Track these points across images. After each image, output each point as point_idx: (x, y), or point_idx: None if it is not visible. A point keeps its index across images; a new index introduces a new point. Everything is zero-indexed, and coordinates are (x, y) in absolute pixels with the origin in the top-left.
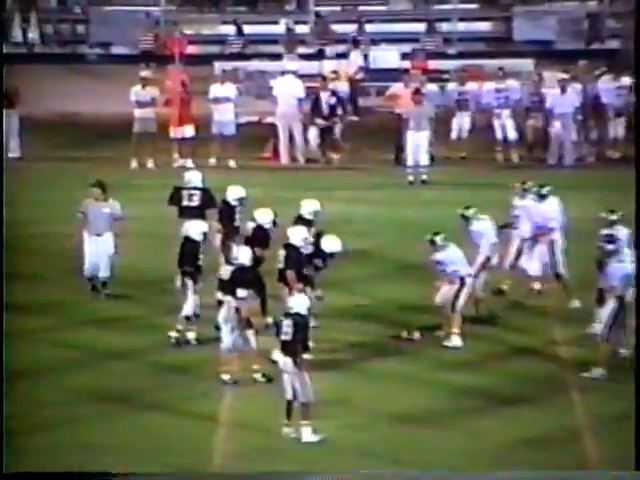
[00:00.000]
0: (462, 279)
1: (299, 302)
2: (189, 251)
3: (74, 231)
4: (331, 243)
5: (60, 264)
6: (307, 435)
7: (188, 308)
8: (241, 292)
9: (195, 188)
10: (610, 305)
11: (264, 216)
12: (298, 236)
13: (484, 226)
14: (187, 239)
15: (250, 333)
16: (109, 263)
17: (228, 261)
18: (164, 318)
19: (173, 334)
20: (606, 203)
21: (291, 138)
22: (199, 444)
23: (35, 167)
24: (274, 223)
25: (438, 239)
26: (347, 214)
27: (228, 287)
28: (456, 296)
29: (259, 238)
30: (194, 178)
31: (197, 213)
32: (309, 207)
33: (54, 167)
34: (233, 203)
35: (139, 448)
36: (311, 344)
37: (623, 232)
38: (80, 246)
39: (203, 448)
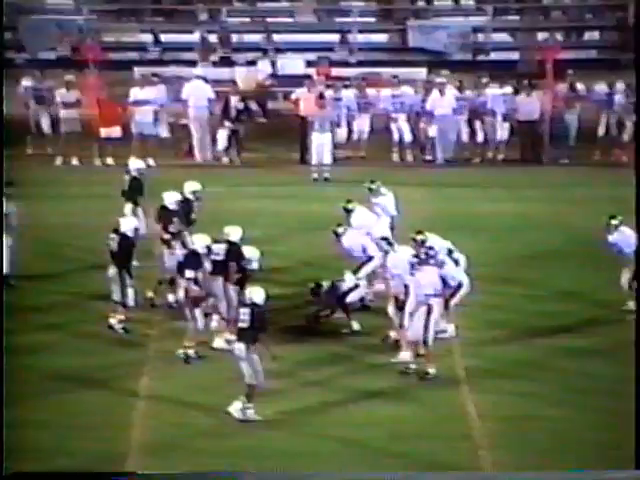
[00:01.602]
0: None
1: (256, 293)
2: (123, 245)
3: None
4: (251, 253)
5: None
6: (248, 416)
7: (130, 301)
8: (189, 273)
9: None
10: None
11: (170, 197)
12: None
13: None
14: (123, 235)
15: (197, 312)
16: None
17: (184, 247)
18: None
19: (116, 324)
20: (487, 200)
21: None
22: (125, 419)
23: None
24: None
25: (340, 230)
26: (255, 208)
27: (180, 269)
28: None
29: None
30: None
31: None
32: (190, 187)
33: None
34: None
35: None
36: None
37: (437, 243)
38: None
39: (126, 423)
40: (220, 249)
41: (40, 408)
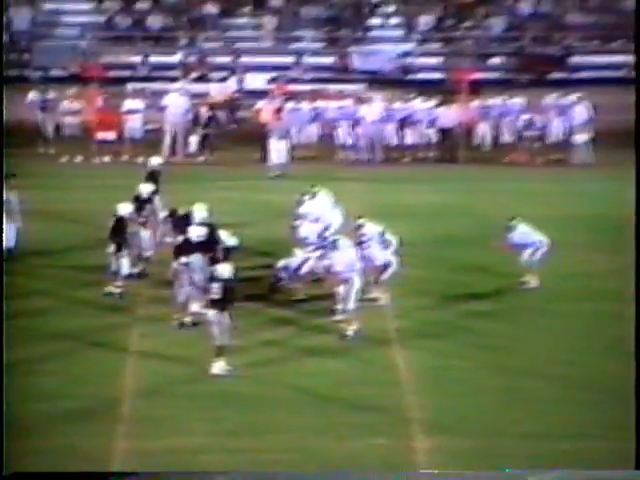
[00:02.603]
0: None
1: (226, 269)
2: (119, 226)
3: None
4: (228, 237)
5: None
6: (217, 369)
7: (124, 269)
8: (183, 258)
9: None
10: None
11: (145, 188)
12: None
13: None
14: (118, 218)
15: (189, 290)
16: None
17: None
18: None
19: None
20: (414, 192)
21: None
22: (117, 370)
23: None
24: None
25: (297, 223)
26: (224, 198)
27: (176, 254)
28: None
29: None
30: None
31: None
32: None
33: None
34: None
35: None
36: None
37: (372, 228)
38: None
39: (118, 373)
40: (203, 232)
41: (45, 359)
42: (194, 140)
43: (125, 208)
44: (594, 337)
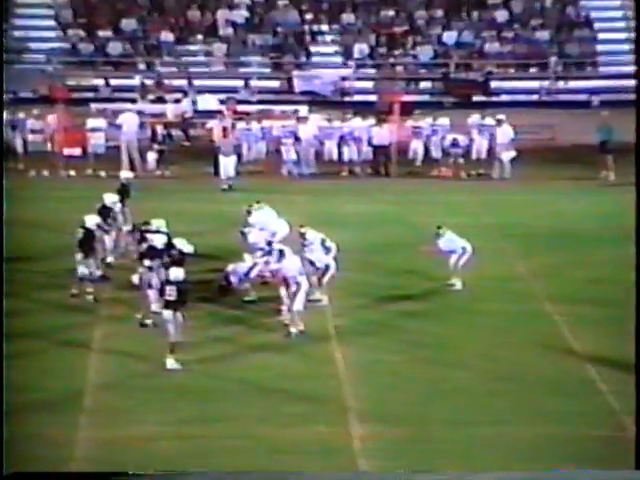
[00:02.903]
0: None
1: (179, 273)
2: (86, 236)
3: None
4: (183, 244)
5: None
6: (171, 364)
7: (84, 271)
8: (147, 262)
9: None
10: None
11: (109, 198)
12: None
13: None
14: (85, 229)
15: (150, 292)
16: None
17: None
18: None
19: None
20: (351, 202)
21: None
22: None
23: None
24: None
25: (246, 230)
26: (179, 209)
27: (141, 258)
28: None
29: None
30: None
31: None
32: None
33: None
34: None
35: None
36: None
37: (313, 235)
38: None
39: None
40: (164, 239)
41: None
42: (152, 156)
43: (91, 220)
44: (513, 334)
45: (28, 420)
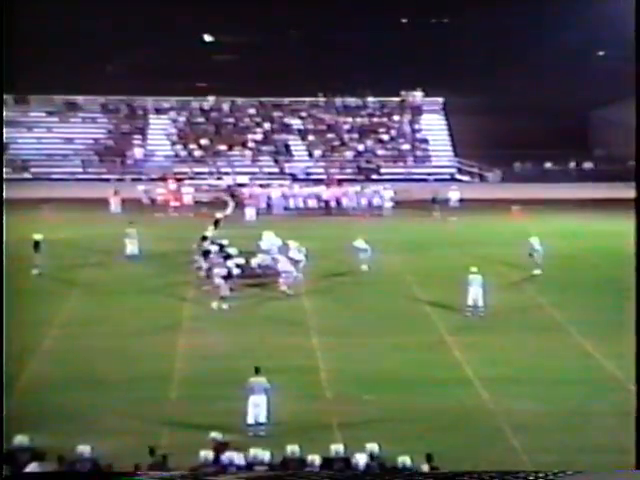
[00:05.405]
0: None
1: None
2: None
3: None
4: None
5: None
6: (216, 305)
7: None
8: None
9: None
10: None
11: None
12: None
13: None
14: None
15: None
16: None
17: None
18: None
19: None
20: (309, 229)
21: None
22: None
23: None
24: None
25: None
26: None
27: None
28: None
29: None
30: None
31: None
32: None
33: None
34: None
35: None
36: None
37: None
38: None
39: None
40: (232, 250)
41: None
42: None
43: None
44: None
45: None
